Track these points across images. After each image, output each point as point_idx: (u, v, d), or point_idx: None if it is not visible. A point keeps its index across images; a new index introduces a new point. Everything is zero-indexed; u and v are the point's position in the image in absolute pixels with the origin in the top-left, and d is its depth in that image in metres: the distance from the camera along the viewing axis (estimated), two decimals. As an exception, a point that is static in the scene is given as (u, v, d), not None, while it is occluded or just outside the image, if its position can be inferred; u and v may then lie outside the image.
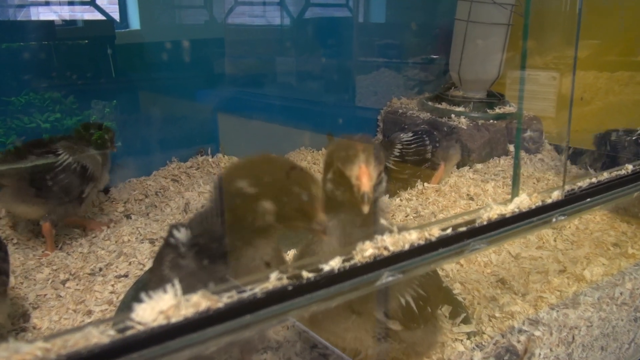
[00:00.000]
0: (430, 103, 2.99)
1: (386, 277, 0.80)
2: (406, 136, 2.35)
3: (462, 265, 1.67)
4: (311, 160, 2.66)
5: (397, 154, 2.29)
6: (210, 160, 2.56)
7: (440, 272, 1.50)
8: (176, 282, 0.67)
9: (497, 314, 1.42)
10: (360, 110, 3.16)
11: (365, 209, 0.89)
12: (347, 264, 0.77)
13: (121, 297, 1.43)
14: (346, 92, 3.09)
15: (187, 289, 0.67)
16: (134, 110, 2.45)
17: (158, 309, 0.64)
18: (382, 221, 0.90)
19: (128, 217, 2.05)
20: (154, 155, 2.50)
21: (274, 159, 0.90)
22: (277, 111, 2.89)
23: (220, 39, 2.69)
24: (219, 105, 2.76)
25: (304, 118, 2.94)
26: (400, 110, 2.98)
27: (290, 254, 1.31)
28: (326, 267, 0.76)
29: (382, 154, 0.99)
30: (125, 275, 1.58)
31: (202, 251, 0.86)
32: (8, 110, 2.12)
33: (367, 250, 0.81)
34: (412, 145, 2.30)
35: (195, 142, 2.63)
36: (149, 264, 1.63)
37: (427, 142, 2.34)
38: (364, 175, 0.91)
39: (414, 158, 2.30)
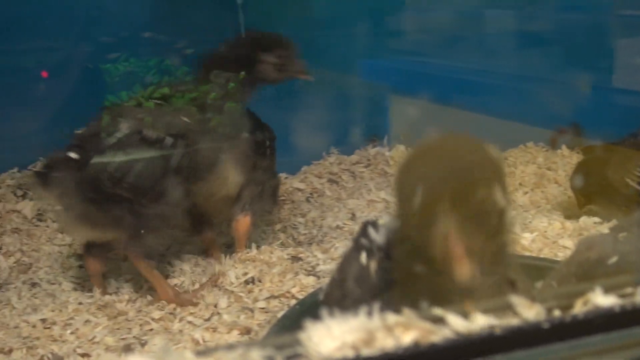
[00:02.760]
0: None
1: None
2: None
3: None
4: (543, 162, 2.56)
5: None
6: (387, 154, 2.59)
7: None
8: (372, 302, 0.67)
9: None
10: (620, 94, 2.97)
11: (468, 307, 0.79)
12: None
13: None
14: (596, 65, 2.93)
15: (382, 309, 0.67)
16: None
17: (341, 337, 0.64)
18: None
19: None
20: (305, 145, 2.60)
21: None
22: (482, 91, 2.84)
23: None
24: (389, 80, 2.80)
25: (528, 101, 2.85)
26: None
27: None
28: (604, 301, 0.71)
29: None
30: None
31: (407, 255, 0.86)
32: None
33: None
34: None
35: (364, 128, 2.69)
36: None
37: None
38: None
39: None
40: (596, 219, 1.98)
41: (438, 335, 0.64)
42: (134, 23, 2.52)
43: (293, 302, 1.66)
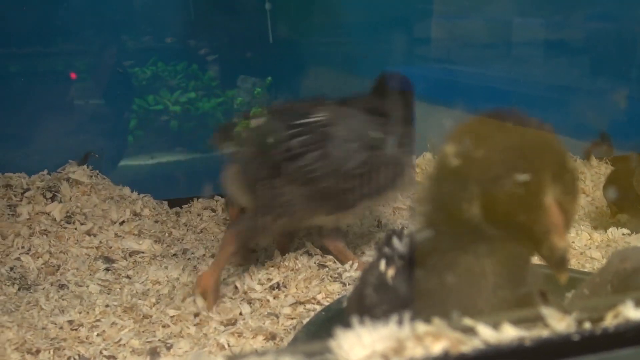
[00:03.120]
0: None
1: None
2: None
3: None
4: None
5: None
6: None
7: None
8: (390, 308, 0.67)
9: None
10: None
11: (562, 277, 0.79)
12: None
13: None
14: (626, 74, 2.90)
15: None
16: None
17: (371, 346, 0.64)
18: None
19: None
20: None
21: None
22: (510, 100, 2.82)
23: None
24: (416, 87, 2.79)
25: (556, 110, 2.83)
26: None
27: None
28: (634, 314, 0.70)
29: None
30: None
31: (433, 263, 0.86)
32: None
33: None
34: None
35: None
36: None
37: None
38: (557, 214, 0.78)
39: None
40: (625, 231, 1.97)
41: (468, 346, 0.64)
42: (163, 28, 2.54)
43: (318, 308, 1.66)
